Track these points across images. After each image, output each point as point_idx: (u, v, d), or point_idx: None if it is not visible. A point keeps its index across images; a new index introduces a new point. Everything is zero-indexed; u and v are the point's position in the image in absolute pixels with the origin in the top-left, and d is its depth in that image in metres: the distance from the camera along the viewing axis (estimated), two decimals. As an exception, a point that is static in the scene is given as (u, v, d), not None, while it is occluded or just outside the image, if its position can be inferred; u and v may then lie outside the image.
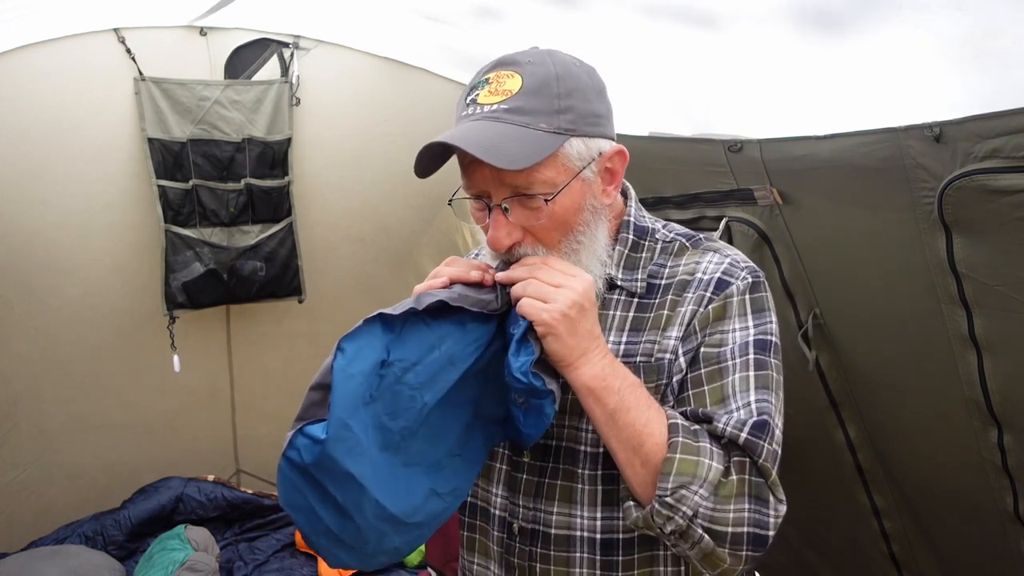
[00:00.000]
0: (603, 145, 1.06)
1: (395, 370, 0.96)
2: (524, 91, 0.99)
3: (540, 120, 0.99)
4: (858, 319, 1.89)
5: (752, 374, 1.03)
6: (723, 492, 0.97)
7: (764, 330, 1.07)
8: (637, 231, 1.17)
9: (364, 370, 0.93)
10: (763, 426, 1.00)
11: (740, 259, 1.12)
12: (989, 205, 1.36)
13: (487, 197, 1.04)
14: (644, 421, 0.99)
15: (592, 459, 1.11)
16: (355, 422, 0.93)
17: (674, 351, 1.07)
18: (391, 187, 3.17)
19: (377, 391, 0.96)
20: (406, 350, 0.97)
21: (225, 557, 3.16)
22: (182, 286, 3.02)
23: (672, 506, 0.95)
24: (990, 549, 1.86)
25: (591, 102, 1.04)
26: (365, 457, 0.95)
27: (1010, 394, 1.58)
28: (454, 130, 1.01)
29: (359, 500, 0.96)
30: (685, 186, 2.08)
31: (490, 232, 1.04)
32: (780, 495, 1.00)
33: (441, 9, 2.42)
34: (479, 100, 1.01)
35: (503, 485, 1.18)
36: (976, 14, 1.24)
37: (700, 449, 0.98)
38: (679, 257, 1.14)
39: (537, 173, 0.99)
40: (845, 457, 2.08)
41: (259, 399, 3.47)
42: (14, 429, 3.00)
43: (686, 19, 1.71)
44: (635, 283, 1.13)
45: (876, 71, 1.50)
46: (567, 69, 1.02)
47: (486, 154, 0.95)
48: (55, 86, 2.70)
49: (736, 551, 0.97)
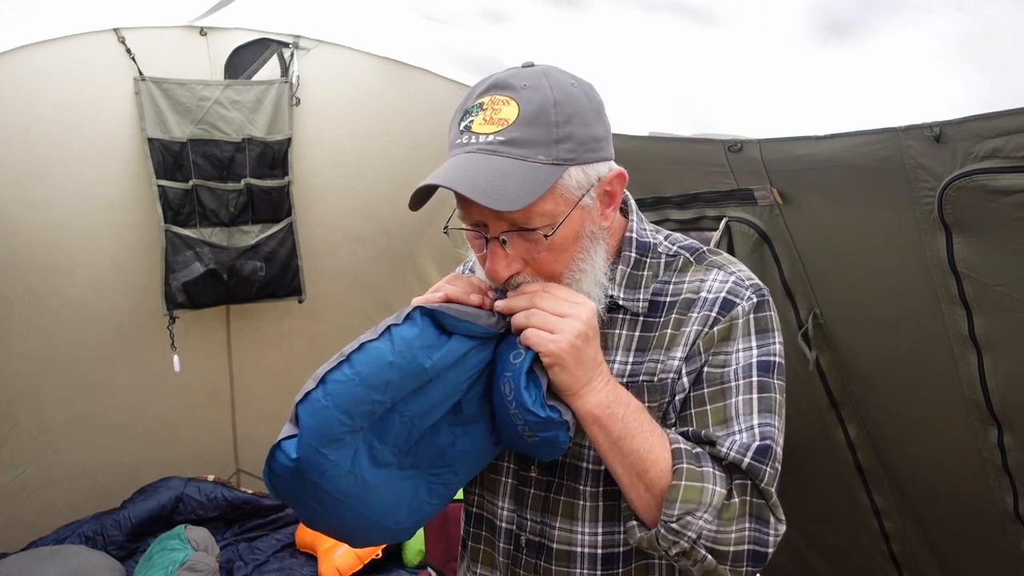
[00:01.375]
0: (602, 169, 1.02)
1: (387, 405, 0.96)
2: (521, 120, 0.95)
3: (538, 152, 0.95)
4: (858, 319, 1.89)
5: (755, 396, 1.03)
6: (726, 515, 0.98)
7: (768, 351, 1.06)
8: (639, 248, 1.13)
9: (348, 408, 0.92)
10: (766, 451, 1.01)
11: (745, 276, 1.10)
12: (989, 205, 1.36)
13: (484, 228, 1.02)
14: (648, 447, 0.99)
15: (594, 476, 1.10)
16: (331, 449, 0.93)
17: (677, 371, 1.06)
18: (391, 187, 3.17)
19: (367, 423, 0.96)
20: (402, 382, 0.95)
21: (225, 557, 3.16)
22: (182, 286, 3.02)
23: (678, 532, 0.96)
24: (990, 549, 1.86)
25: (590, 126, 1.00)
26: (345, 477, 0.96)
27: (1010, 394, 1.58)
28: (448, 165, 0.97)
29: (338, 510, 0.98)
30: (685, 186, 2.08)
31: (488, 264, 1.02)
32: (780, 515, 1.02)
33: (441, 9, 2.43)
34: (473, 128, 0.97)
35: (510, 499, 1.17)
36: (976, 14, 1.24)
37: (704, 475, 0.98)
38: (683, 273, 1.11)
39: (536, 208, 0.96)
40: (845, 457, 2.08)
41: (259, 399, 3.47)
42: (14, 429, 3.00)
43: (686, 19, 1.71)
44: (637, 303, 1.10)
45: (876, 71, 1.50)
46: (564, 92, 0.98)
47: (482, 196, 0.91)
48: (55, 86, 2.70)
49: (737, 568, 0.99)
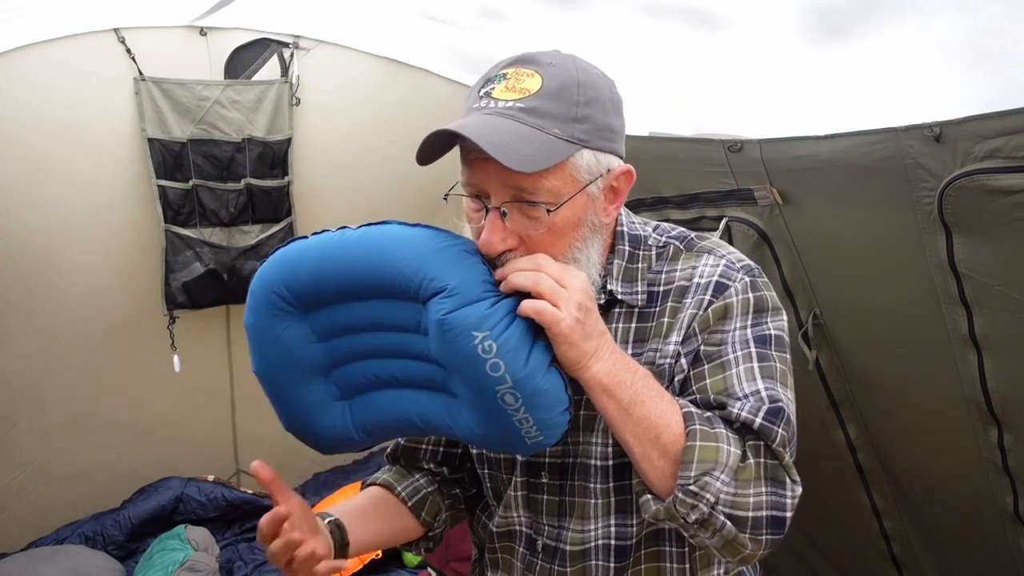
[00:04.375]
0: (612, 162, 1.02)
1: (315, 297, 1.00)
2: (543, 92, 0.95)
3: (555, 125, 0.95)
4: (858, 319, 1.89)
5: (756, 365, 1.02)
6: (742, 476, 0.95)
7: (762, 326, 1.06)
8: (631, 241, 1.13)
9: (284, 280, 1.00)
10: (777, 412, 0.99)
11: (735, 259, 1.10)
12: (989, 205, 1.36)
13: (486, 197, 1.00)
14: (659, 412, 0.97)
15: (603, 472, 1.09)
16: (270, 317, 1.02)
17: (675, 355, 1.06)
18: (391, 187, 3.17)
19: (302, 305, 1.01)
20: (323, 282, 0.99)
21: (225, 557, 3.16)
22: (182, 286, 3.02)
23: (696, 494, 0.93)
24: (990, 549, 1.86)
25: (608, 115, 1.00)
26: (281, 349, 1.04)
27: (1010, 394, 1.58)
28: (464, 120, 0.97)
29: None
30: (685, 186, 2.08)
31: (484, 234, 0.99)
32: (795, 476, 0.99)
33: (442, 9, 2.43)
34: (494, 95, 0.97)
35: (524, 508, 1.17)
36: (976, 14, 1.24)
37: (718, 435, 0.96)
38: (675, 262, 1.12)
39: (544, 180, 0.95)
40: (845, 457, 2.09)
41: (259, 399, 3.39)
42: (14, 429, 3.00)
43: (687, 19, 1.71)
44: (635, 295, 1.10)
45: (876, 71, 1.50)
46: (589, 77, 0.99)
47: (496, 151, 0.90)
48: (55, 86, 2.70)
49: (756, 535, 0.96)
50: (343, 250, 0.97)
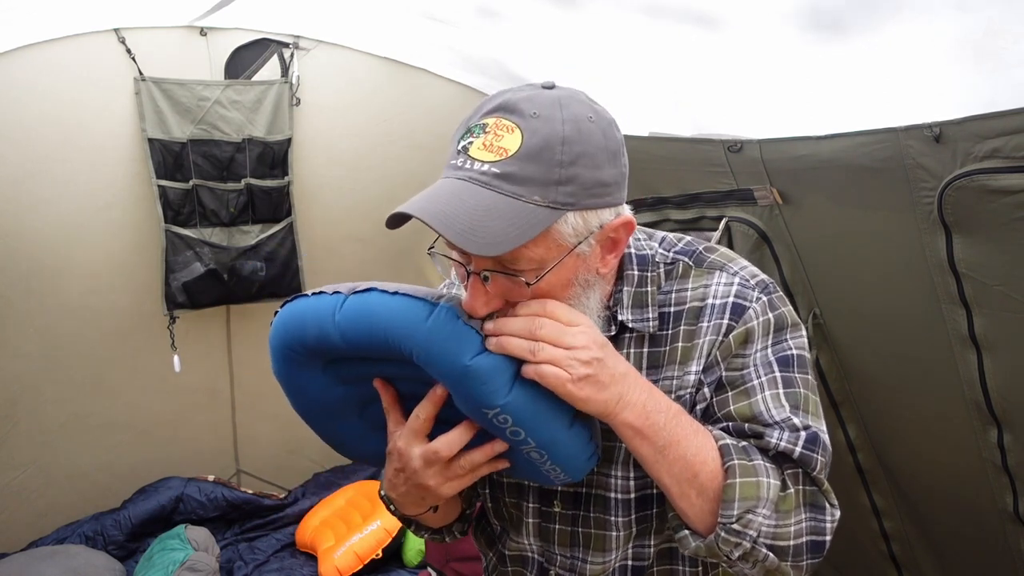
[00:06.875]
0: (605, 216, 0.93)
1: (328, 352, 0.99)
2: (521, 154, 0.86)
3: (534, 191, 0.86)
4: (858, 319, 1.89)
5: (781, 391, 1.00)
6: (783, 507, 0.94)
7: (783, 345, 1.03)
8: (640, 262, 1.07)
9: (295, 335, 0.98)
10: (814, 439, 0.97)
11: (748, 274, 1.05)
12: (989, 205, 1.36)
13: (466, 260, 0.93)
14: (695, 451, 0.93)
15: (624, 505, 1.07)
16: (288, 363, 1.01)
17: (696, 384, 1.03)
18: (391, 187, 3.17)
19: (321, 357, 1.01)
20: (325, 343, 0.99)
21: (225, 557, 3.16)
22: (182, 286, 3.02)
23: (739, 532, 0.91)
24: (990, 549, 1.86)
25: (599, 169, 0.90)
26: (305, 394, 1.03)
27: (1010, 394, 1.58)
28: (434, 190, 0.89)
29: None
30: (685, 186, 2.08)
31: (467, 299, 0.93)
32: (833, 500, 0.98)
33: (441, 9, 2.42)
34: (471, 152, 0.89)
35: (536, 536, 1.15)
36: (976, 14, 1.24)
37: (756, 468, 0.93)
38: (684, 280, 1.06)
39: (524, 250, 0.88)
40: (845, 457, 2.09)
41: (259, 399, 3.46)
42: (14, 429, 3.00)
43: (686, 19, 1.71)
44: (647, 322, 1.05)
45: (876, 71, 1.50)
46: (576, 128, 0.88)
47: (459, 236, 0.84)
48: (55, 86, 2.70)
49: (798, 562, 0.95)
50: (336, 324, 0.95)
